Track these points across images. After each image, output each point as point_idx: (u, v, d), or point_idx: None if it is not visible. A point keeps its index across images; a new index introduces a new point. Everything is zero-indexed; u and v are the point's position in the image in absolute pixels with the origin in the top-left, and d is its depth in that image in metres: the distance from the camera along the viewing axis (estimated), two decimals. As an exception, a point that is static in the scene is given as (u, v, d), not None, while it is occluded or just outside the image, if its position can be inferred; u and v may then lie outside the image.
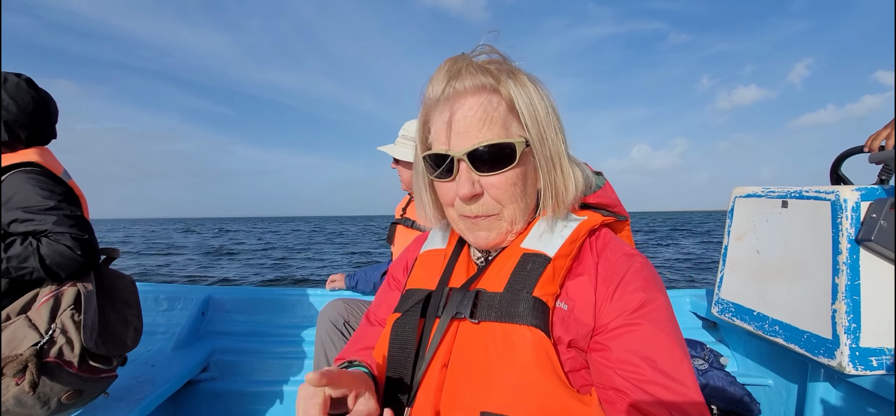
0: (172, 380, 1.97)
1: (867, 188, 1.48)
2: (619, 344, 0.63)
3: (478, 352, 0.66)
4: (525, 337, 0.64)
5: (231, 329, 2.50)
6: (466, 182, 0.69)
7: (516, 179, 0.70)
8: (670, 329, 0.64)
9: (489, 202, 0.71)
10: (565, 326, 0.67)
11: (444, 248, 0.84)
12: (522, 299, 0.66)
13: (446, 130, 0.70)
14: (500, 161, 0.68)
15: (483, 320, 0.67)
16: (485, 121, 0.68)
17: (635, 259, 0.70)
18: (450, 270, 0.78)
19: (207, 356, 2.31)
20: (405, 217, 2.02)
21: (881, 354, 1.41)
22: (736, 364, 2.16)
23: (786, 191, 1.72)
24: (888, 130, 1.48)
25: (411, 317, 0.74)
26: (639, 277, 0.68)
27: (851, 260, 1.44)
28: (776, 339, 1.67)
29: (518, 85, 0.70)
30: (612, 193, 0.83)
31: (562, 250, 0.70)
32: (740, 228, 1.95)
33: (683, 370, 0.62)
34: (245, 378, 2.31)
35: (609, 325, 0.65)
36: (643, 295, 0.65)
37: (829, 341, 1.46)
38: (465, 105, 0.69)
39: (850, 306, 1.42)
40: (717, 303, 2.01)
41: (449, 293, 0.74)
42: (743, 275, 1.90)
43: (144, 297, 2.57)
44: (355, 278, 2.36)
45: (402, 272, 0.93)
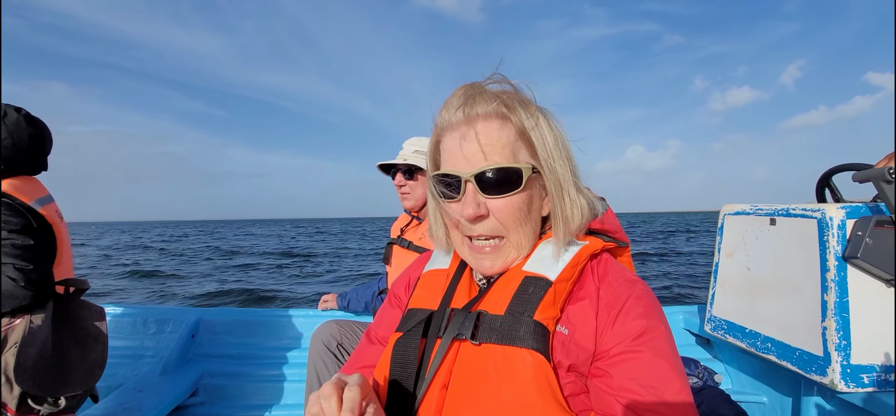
0: (160, 406, 1.92)
1: (852, 206, 1.51)
2: (620, 371, 0.64)
3: (478, 374, 0.66)
4: (525, 360, 0.64)
5: (221, 352, 2.46)
6: (472, 203, 0.71)
7: (522, 203, 0.72)
8: (671, 358, 0.65)
9: (494, 224, 0.72)
10: (566, 350, 0.67)
11: (447, 268, 0.85)
12: (523, 323, 0.67)
13: (457, 152, 0.72)
14: (506, 185, 0.70)
15: (484, 343, 0.68)
16: (494, 146, 0.70)
17: (637, 286, 0.71)
18: (452, 290, 0.79)
19: (196, 380, 2.26)
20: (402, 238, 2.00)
21: (872, 371, 1.42)
22: (730, 381, 2.16)
23: (773, 208, 1.75)
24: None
25: (413, 337, 0.75)
26: (640, 304, 0.68)
27: (839, 277, 1.46)
28: (769, 356, 1.67)
29: (528, 114, 0.73)
30: (613, 219, 0.85)
31: (563, 274, 0.71)
32: (730, 245, 1.97)
33: (684, 399, 0.62)
34: (235, 403, 2.26)
35: (610, 351, 0.66)
36: (645, 322, 0.66)
37: (820, 358, 1.47)
38: (477, 129, 0.71)
39: (839, 323, 1.44)
40: (710, 320, 2.02)
41: (451, 314, 0.74)
42: (734, 292, 1.91)
43: (133, 319, 2.53)
44: (347, 298, 2.34)
45: (404, 291, 0.93)
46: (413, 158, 1.91)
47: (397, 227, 2.11)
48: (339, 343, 1.79)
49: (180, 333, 2.40)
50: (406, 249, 1.93)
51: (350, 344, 1.82)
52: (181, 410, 2.18)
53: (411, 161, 1.91)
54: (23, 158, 1.49)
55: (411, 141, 1.99)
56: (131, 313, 2.56)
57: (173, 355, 2.28)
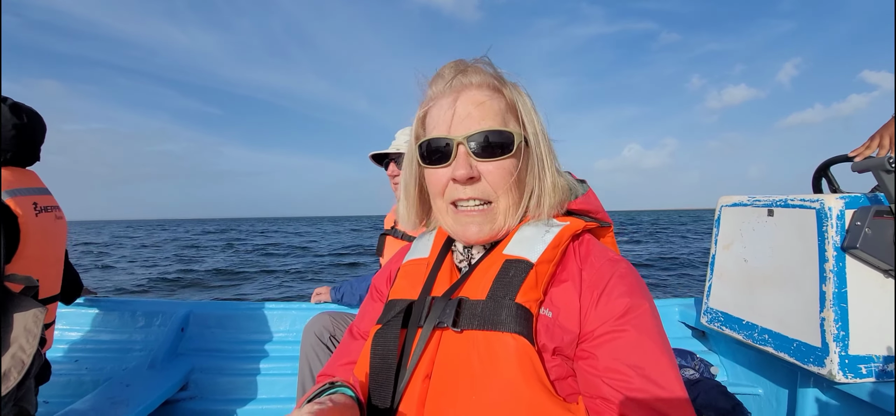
0: (148, 400, 1.88)
1: (851, 196, 1.50)
2: (606, 352, 0.63)
3: (461, 362, 0.65)
4: (508, 345, 0.63)
5: (212, 346, 2.41)
6: (464, 164, 0.71)
7: (512, 168, 0.72)
8: (656, 335, 0.64)
9: (484, 188, 0.72)
10: (550, 333, 0.66)
11: (426, 257, 0.83)
12: (505, 307, 0.65)
13: (448, 117, 0.72)
14: (498, 149, 0.71)
15: (466, 329, 0.66)
16: (487, 112, 0.71)
17: (619, 265, 0.70)
18: (432, 278, 0.77)
19: (186, 375, 2.21)
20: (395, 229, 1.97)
21: (870, 361, 1.42)
22: (726, 373, 2.15)
23: (771, 200, 1.74)
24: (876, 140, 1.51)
25: (393, 328, 0.73)
26: (623, 282, 0.67)
27: (838, 268, 1.45)
28: (766, 348, 1.67)
29: (517, 91, 0.75)
30: (595, 199, 0.84)
31: (544, 256, 0.70)
32: (727, 237, 1.96)
33: (671, 377, 0.61)
34: (226, 397, 2.22)
35: (595, 332, 0.64)
36: (628, 300, 0.65)
37: (818, 349, 1.46)
38: (469, 95, 0.72)
39: (838, 313, 1.43)
40: (706, 312, 2.01)
41: (431, 303, 0.72)
42: (731, 284, 1.90)
43: (120, 313, 2.48)
44: (341, 291, 2.30)
45: (386, 284, 0.90)
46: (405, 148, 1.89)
47: (390, 218, 2.08)
48: (332, 335, 1.76)
49: (169, 327, 2.35)
50: (400, 240, 1.90)
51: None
52: (171, 404, 2.14)
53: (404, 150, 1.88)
54: (7, 149, 1.48)
55: (404, 131, 1.97)
56: (119, 307, 2.51)
57: (162, 348, 2.23)
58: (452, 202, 0.75)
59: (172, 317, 2.41)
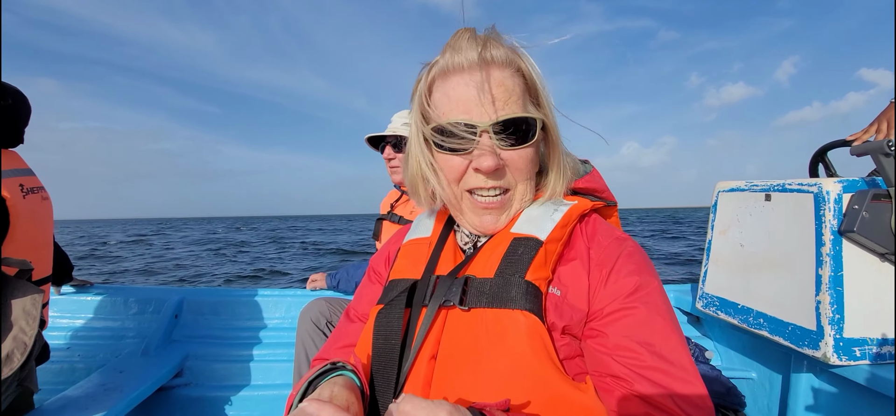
0: (142, 387, 1.86)
1: (849, 180, 1.50)
2: (616, 330, 0.62)
3: (468, 341, 0.63)
4: (518, 322, 0.61)
5: (206, 333, 2.40)
6: (490, 155, 0.66)
7: (534, 156, 0.71)
8: (666, 313, 0.63)
9: (507, 177, 0.70)
10: (559, 312, 0.65)
11: (428, 236, 0.81)
12: (515, 284, 0.64)
13: (469, 97, 0.66)
14: (522, 137, 0.68)
15: (473, 307, 0.65)
16: (511, 94, 0.67)
17: (627, 243, 0.70)
18: (436, 258, 0.75)
19: (181, 361, 2.20)
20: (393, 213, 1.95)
21: (865, 344, 1.42)
22: (720, 358, 2.17)
23: (769, 184, 1.74)
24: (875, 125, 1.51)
25: (396, 307, 0.70)
26: (632, 260, 0.67)
27: (834, 251, 1.45)
28: (761, 331, 1.67)
29: (533, 69, 0.70)
30: (599, 178, 0.83)
31: (553, 234, 0.69)
32: (724, 222, 1.96)
33: (681, 354, 0.60)
34: (221, 383, 2.21)
35: (604, 310, 0.64)
36: (638, 279, 0.64)
37: (813, 332, 1.47)
38: (492, 75, 0.66)
39: (833, 297, 1.43)
40: (702, 297, 2.02)
41: (436, 282, 0.71)
42: (727, 269, 1.91)
43: (113, 300, 2.46)
44: (337, 277, 2.29)
45: (384, 265, 0.88)
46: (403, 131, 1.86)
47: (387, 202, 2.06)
48: (329, 321, 1.75)
49: (163, 313, 2.33)
50: (396, 224, 1.89)
51: (339, 322, 1.78)
52: (166, 391, 2.13)
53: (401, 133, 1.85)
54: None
55: (400, 114, 1.94)
56: (112, 294, 2.48)
57: (156, 335, 2.21)
58: (469, 190, 0.71)
59: (166, 303, 2.39)
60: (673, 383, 0.58)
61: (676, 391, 0.58)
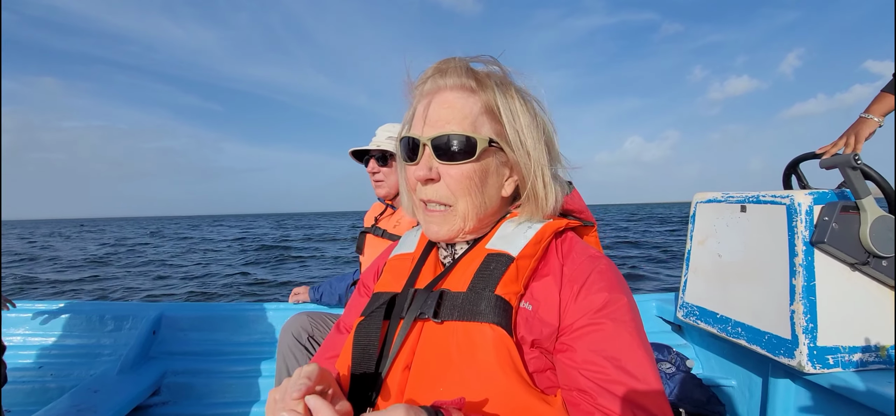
0: (118, 406, 1.81)
1: (820, 192, 1.55)
2: (583, 344, 0.64)
3: (440, 352, 0.66)
4: (486, 335, 0.64)
5: (185, 349, 2.34)
6: (424, 166, 0.73)
7: (472, 173, 0.73)
8: (633, 328, 0.65)
9: (443, 190, 0.74)
10: (529, 326, 0.67)
11: (412, 252, 0.85)
12: (484, 298, 0.66)
13: (421, 118, 0.74)
14: (459, 153, 0.71)
15: (446, 320, 0.67)
16: (455, 115, 0.71)
17: (600, 261, 0.72)
18: (416, 272, 0.79)
19: (158, 379, 2.14)
20: (376, 226, 1.94)
21: (838, 352, 1.46)
22: (701, 366, 2.20)
23: (744, 196, 1.78)
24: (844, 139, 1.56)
25: (375, 319, 0.74)
26: (603, 278, 0.69)
27: (807, 262, 1.50)
28: (739, 340, 1.71)
29: (504, 94, 0.73)
30: (579, 199, 0.86)
31: (525, 251, 0.71)
32: (702, 232, 2.00)
33: (646, 368, 0.62)
34: (200, 401, 2.16)
35: (573, 325, 0.66)
36: (607, 295, 0.66)
37: (788, 341, 1.51)
38: (442, 98, 0.73)
39: (807, 306, 1.47)
40: (682, 306, 2.05)
41: (414, 295, 0.74)
42: (706, 278, 1.94)
43: (87, 316, 2.39)
44: (320, 291, 2.26)
45: (373, 279, 0.92)
46: (386, 144, 1.86)
47: (371, 215, 2.05)
48: (311, 335, 1.73)
49: (140, 329, 2.27)
50: (380, 237, 1.88)
51: (321, 337, 1.76)
52: (142, 410, 2.07)
53: (385, 147, 1.85)
54: None
55: (385, 127, 1.93)
56: (86, 310, 2.41)
57: (132, 352, 2.15)
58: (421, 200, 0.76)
59: (143, 319, 2.33)
60: (636, 396, 0.60)
61: (639, 404, 0.60)
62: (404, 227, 1.79)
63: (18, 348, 2.28)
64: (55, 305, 2.41)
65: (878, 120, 1.55)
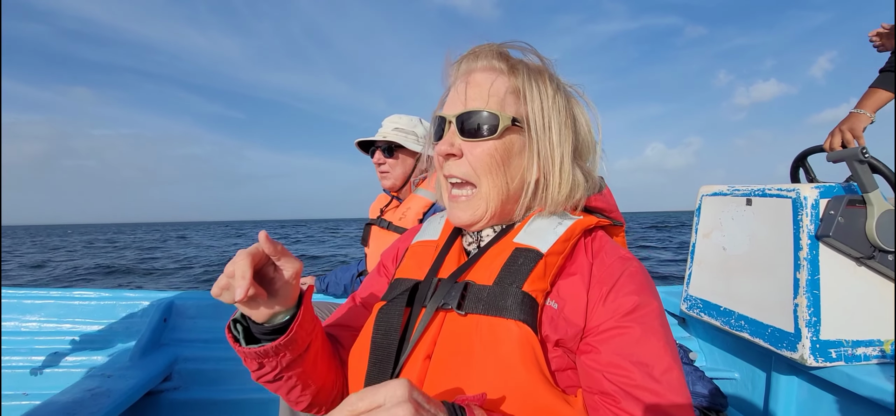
0: (130, 391, 1.86)
1: (826, 186, 1.54)
2: (609, 347, 0.63)
3: (462, 344, 0.65)
4: (511, 331, 0.63)
5: (196, 336, 2.39)
6: (447, 142, 0.74)
7: (494, 151, 0.72)
8: (661, 334, 0.64)
9: (465, 166, 0.74)
10: (554, 325, 0.66)
11: (436, 239, 0.84)
12: (511, 294, 0.65)
13: (451, 97, 0.77)
14: (482, 130, 0.72)
15: (470, 313, 0.67)
16: (481, 93, 0.72)
17: (631, 263, 0.70)
18: (440, 261, 0.77)
19: (170, 365, 2.19)
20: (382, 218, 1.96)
21: (840, 346, 1.46)
22: (704, 359, 2.21)
23: (750, 189, 1.77)
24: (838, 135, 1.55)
25: (397, 305, 0.73)
26: (633, 280, 0.67)
27: (812, 255, 1.49)
28: (742, 333, 1.71)
29: (533, 79, 0.73)
30: (611, 198, 0.85)
31: (554, 248, 0.70)
32: (707, 225, 1.99)
33: (672, 376, 0.61)
34: (210, 387, 2.21)
35: (600, 327, 0.64)
36: (637, 299, 0.65)
37: (791, 334, 1.51)
38: (471, 79, 0.75)
39: (810, 300, 1.47)
40: (686, 299, 2.05)
41: (437, 284, 0.73)
42: (710, 271, 1.94)
43: (100, 304, 2.44)
44: (326, 281, 2.29)
45: (392, 261, 0.92)
46: (393, 136, 1.87)
47: (376, 207, 2.07)
48: (317, 325, 1.75)
49: (152, 316, 2.32)
50: (385, 229, 1.89)
51: (328, 326, 1.79)
52: (154, 395, 2.12)
53: (391, 138, 1.86)
54: None
55: (391, 119, 1.94)
56: (98, 298, 2.47)
57: (144, 339, 2.20)
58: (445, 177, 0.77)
59: (155, 307, 2.38)
60: (661, 404, 0.59)
61: (663, 413, 0.58)
62: (410, 219, 1.81)
63: (34, 333, 2.34)
64: (70, 292, 2.47)
65: (870, 115, 1.53)
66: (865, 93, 1.58)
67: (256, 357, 0.66)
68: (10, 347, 2.23)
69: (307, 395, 0.75)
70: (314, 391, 0.75)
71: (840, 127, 1.56)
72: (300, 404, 0.77)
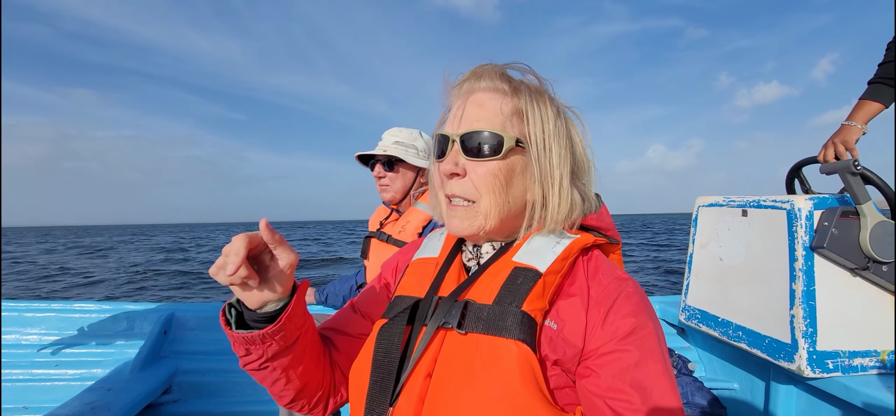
0: (131, 404, 1.87)
1: (820, 197, 1.56)
2: (608, 371, 0.64)
3: (463, 363, 0.66)
4: (510, 351, 0.63)
5: (196, 348, 2.40)
6: (450, 161, 0.75)
7: (498, 171, 0.73)
8: (659, 357, 0.65)
9: (467, 186, 0.75)
10: (553, 345, 0.67)
11: (436, 256, 0.84)
12: (510, 313, 0.66)
13: (454, 116, 0.77)
14: (486, 150, 0.73)
15: (470, 332, 0.67)
16: (486, 114, 0.74)
17: (627, 284, 0.71)
18: (440, 278, 0.78)
19: (170, 377, 2.20)
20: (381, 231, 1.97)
21: (837, 357, 1.47)
22: (703, 369, 2.21)
23: (745, 200, 1.79)
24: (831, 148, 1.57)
25: (398, 323, 0.74)
26: (630, 302, 0.68)
27: (807, 267, 1.50)
28: (740, 344, 1.72)
29: (534, 100, 0.75)
30: (608, 217, 0.86)
31: (553, 267, 0.71)
32: (704, 236, 2.01)
33: (670, 398, 0.62)
34: (210, 400, 2.22)
35: (599, 350, 0.65)
36: (634, 320, 0.66)
37: (788, 345, 1.52)
38: (474, 99, 0.76)
39: (806, 311, 1.48)
40: (684, 309, 2.06)
41: (437, 302, 0.74)
42: (707, 282, 1.95)
43: (101, 317, 2.45)
44: (325, 292, 2.30)
45: (392, 274, 0.93)
46: (393, 149, 1.88)
47: (376, 220, 2.08)
48: (316, 337, 1.76)
49: (152, 329, 2.33)
50: (385, 242, 1.90)
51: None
52: (154, 408, 2.13)
53: (391, 152, 1.87)
54: None
55: (391, 132, 1.96)
56: (99, 309, 2.48)
57: (144, 352, 2.21)
58: (447, 196, 0.78)
59: (155, 319, 2.39)
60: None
61: None
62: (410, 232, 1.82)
63: (35, 346, 2.35)
64: (71, 305, 2.48)
65: (861, 127, 1.55)
66: (856, 105, 1.60)
67: (244, 343, 0.69)
68: (11, 360, 2.24)
69: (290, 390, 0.77)
70: (299, 386, 0.77)
71: (833, 139, 1.58)
72: (283, 398, 0.79)
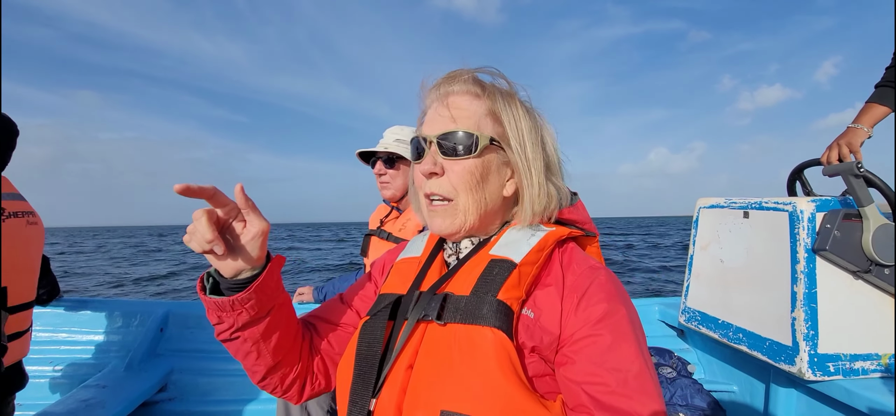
0: (125, 402, 1.85)
1: (822, 199, 1.55)
2: (583, 356, 0.66)
3: (442, 353, 0.68)
4: (487, 338, 0.66)
5: (192, 347, 2.38)
6: (429, 161, 0.78)
7: (474, 169, 0.77)
8: (632, 339, 0.66)
9: (445, 184, 0.78)
10: (530, 333, 0.70)
11: (419, 256, 0.88)
12: (487, 302, 0.69)
13: (429, 118, 0.80)
14: (462, 149, 0.76)
15: (449, 322, 0.70)
16: (460, 115, 0.77)
17: (599, 272, 0.74)
18: (422, 275, 0.82)
19: (165, 376, 2.18)
20: (381, 229, 1.96)
21: (838, 360, 1.46)
22: (703, 371, 2.20)
23: (747, 202, 1.78)
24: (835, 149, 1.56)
25: (380, 319, 0.77)
26: (602, 289, 0.71)
27: (809, 269, 1.50)
28: (740, 346, 1.71)
29: (506, 101, 0.79)
30: (583, 210, 0.90)
31: (528, 257, 0.73)
32: (705, 237, 2.00)
33: (645, 379, 0.63)
34: (206, 398, 2.20)
35: (573, 336, 0.67)
36: (606, 306, 0.68)
37: (789, 348, 1.51)
38: (448, 102, 0.79)
39: (808, 313, 1.47)
40: (684, 311, 2.06)
41: (418, 297, 0.77)
42: (708, 284, 1.95)
43: (96, 313, 2.43)
44: (324, 291, 2.29)
45: (380, 273, 0.97)
46: (394, 147, 1.87)
47: (376, 217, 2.07)
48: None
49: (148, 327, 2.31)
50: (385, 240, 1.89)
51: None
52: (149, 406, 2.10)
53: (392, 150, 1.86)
54: None
55: (393, 130, 1.95)
56: (95, 307, 2.45)
57: (140, 349, 2.19)
58: (426, 195, 0.80)
59: (151, 317, 2.37)
60: (635, 407, 0.61)
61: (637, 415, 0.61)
62: (410, 230, 1.81)
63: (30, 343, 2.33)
64: (66, 302, 2.46)
65: (867, 130, 1.55)
66: (862, 108, 1.60)
67: (216, 309, 0.72)
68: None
69: (261, 365, 0.79)
70: (270, 363, 0.79)
71: (838, 141, 1.57)
72: (255, 374, 0.81)
